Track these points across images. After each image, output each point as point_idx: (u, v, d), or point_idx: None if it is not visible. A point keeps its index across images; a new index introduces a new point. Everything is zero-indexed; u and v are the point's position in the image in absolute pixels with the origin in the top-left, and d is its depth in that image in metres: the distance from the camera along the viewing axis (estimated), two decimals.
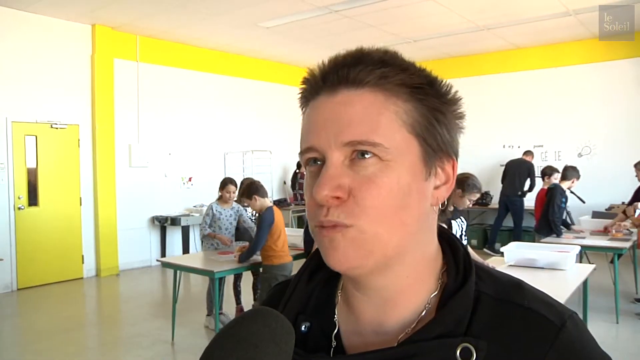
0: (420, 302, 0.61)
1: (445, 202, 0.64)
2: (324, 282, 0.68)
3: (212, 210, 5.14)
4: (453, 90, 0.62)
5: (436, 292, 0.62)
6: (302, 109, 0.63)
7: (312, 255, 0.70)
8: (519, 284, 0.61)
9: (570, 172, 5.63)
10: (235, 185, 5.27)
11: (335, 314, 0.66)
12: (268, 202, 4.50)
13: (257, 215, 4.67)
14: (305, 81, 0.62)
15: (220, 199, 5.22)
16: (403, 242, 0.58)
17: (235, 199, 5.28)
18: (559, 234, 5.41)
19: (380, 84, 0.57)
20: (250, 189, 4.43)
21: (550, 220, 5.44)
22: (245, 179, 5.29)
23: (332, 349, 0.63)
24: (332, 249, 0.57)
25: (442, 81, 0.61)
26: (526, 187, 8.35)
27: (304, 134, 0.61)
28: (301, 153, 0.61)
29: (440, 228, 0.66)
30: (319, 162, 0.59)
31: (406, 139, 0.57)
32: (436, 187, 0.61)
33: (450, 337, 0.56)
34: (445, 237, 0.67)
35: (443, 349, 0.55)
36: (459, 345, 0.55)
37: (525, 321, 0.57)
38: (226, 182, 5.21)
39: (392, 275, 0.60)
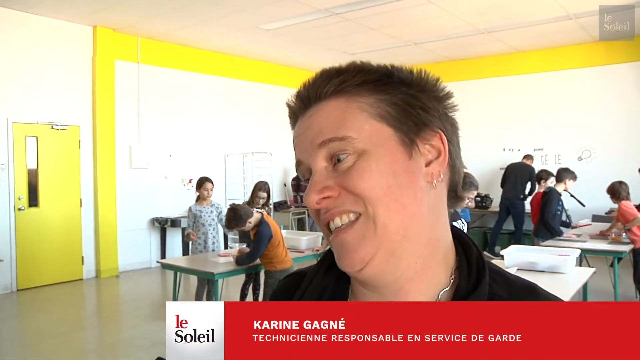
0: (432, 295, 0.61)
1: (455, 185, 0.65)
2: (337, 277, 0.67)
3: (192, 211, 5.33)
4: (424, 74, 0.64)
5: (447, 288, 0.61)
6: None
7: (329, 250, 0.70)
8: (533, 287, 0.61)
9: (562, 174, 5.64)
10: (212, 183, 5.45)
11: None
12: (257, 215, 4.43)
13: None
14: (288, 116, 0.68)
15: (198, 198, 5.40)
16: (405, 224, 0.58)
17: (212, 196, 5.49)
18: (559, 234, 5.40)
19: (339, 90, 0.61)
20: (240, 217, 4.28)
21: (547, 222, 5.47)
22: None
23: None
24: (344, 250, 0.59)
25: (407, 70, 0.64)
26: (527, 191, 8.37)
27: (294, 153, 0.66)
28: (296, 169, 0.66)
29: (452, 228, 0.66)
30: None
31: (376, 128, 0.60)
32: (428, 164, 0.62)
33: None
34: (457, 237, 0.66)
35: None
36: None
37: None
38: (203, 181, 5.40)
39: (402, 266, 0.60)
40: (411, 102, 0.61)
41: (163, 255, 8.10)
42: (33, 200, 6.84)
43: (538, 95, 9.14)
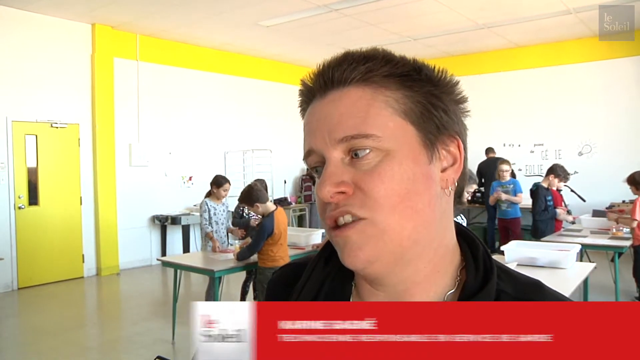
0: (438, 297, 0.60)
1: (460, 191, 0.64)
2: (337, 269, 0.66)
3: (208, 206, 5.24)
4: (447, 75, 0.61)
5: (453, 290, 0.61)
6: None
7: (328, 241, 0.68)
8: (538, 284, 0.61)
9: (548, 170, 5.73)
10: (230, 184, 5.40)
11: None
12: (271, 206, 4.39)
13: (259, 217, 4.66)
14: (300, 93, 0.64)
15: (212, 195, 5.31)
16: (418, 230, 0.57)
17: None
18: (537, 237, 5.40)
19: (366, 79, 0.58)
20: (251, 197, 4.30)
21: (537, 221, 5.53)
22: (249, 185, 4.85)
23: None
24: (348, 247, 0.57)
25: (432, 67, 0.61)
26: None
27: (304, 140, 0.62)
28: (304, 159, 0.63)
29: (457, 225, 0.65)
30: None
31: (401, 125, 0.57)
32: (443, 170, 0.60)
33: None
34: (462, 234, 0.65)
35: None
36: None
37: None
38: (222, 182, 5.30)
39: (410, 268, 0.59)
40: (435, 103, 0.59)
41: (163, 253, 8.11)
42: (33, 199, 6.84)
43: (538, 90, 9.12)
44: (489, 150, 8.70)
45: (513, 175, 7.87)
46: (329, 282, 0.66)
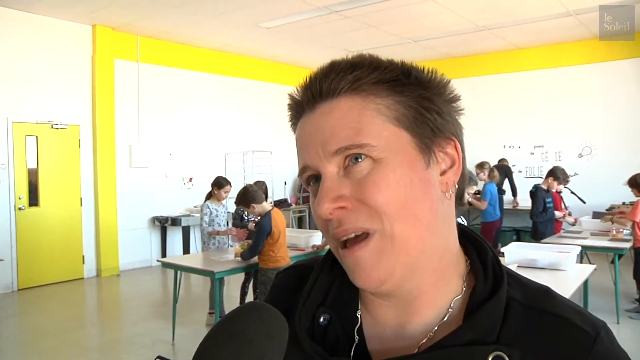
0: (444, 304, 0.59)
1: (461, 193, 0.62)
2: (342, 274, 0.63)
3: (209, 209, 5.27)
4: (437, 75, 0.60)
5: (460, 296, 0.59)
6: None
7: None
8: (547, 291, 0.60)
9: (548, 173, 5.78)
10: (231, 185, 5.44)
11: (358, 309, 0.64)
12: (267, 206, 4.45)
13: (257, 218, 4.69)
14: (289, 107, 0.63)
15: (213, 197, 5.36)
16: (423, 239, 0.56)
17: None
18: (537, 239, 5.41)
19: (355, 88, 0.57)
20: (247, 198, 4.36)
21: (536, 222, 5.55)
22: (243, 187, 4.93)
23: (354, 348, 0.61)
24: (359, 268, 0.56)
25: (421, 69, 0.60)
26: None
27: (297, 156, 0.61)
28: (299, 175, 0.61)
29: (463, 228, 0.64)
30: (318, 180, 0.58)
31: (394, 133, 0.56)
32: (442, 173, 0.58)
33: (482, 344, 0.54)
34: (468, 237, 0.64)
35: (474, 356, 0.53)
36: (490, 353, 0.53)
37: (558, 330, 0.55)
38: (224, 184, 5.35)
39: (417, 278, 0.58)
40: (428, 106, 0.57)
41: (163, 254, 8.11)
42: (33, 200, 6.84)
43: (538, 92, 9.13)
44: (502, 160, 8.77)
45: (502, 178, 7.97)
46: (335, 286, 0.65)
